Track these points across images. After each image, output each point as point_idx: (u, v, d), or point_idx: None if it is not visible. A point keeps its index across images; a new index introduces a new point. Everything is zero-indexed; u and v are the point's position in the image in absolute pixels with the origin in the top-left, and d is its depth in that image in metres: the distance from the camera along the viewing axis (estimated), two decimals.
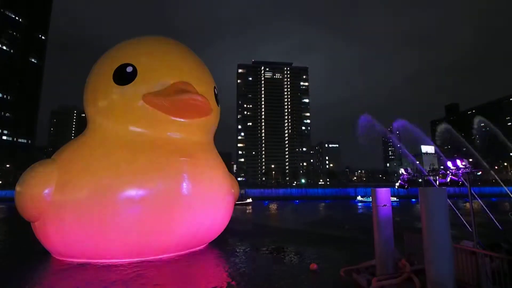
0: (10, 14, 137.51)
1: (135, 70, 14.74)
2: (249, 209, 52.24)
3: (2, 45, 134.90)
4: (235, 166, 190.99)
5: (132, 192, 13.72)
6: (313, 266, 13.14)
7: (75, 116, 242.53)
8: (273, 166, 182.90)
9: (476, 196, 11.86)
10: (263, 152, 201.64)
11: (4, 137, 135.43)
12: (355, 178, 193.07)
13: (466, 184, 10.38)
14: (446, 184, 10.87)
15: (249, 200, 67.24)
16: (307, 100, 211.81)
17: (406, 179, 13.07)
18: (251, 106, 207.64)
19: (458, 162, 10.31)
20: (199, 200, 15.16)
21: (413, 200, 68.50)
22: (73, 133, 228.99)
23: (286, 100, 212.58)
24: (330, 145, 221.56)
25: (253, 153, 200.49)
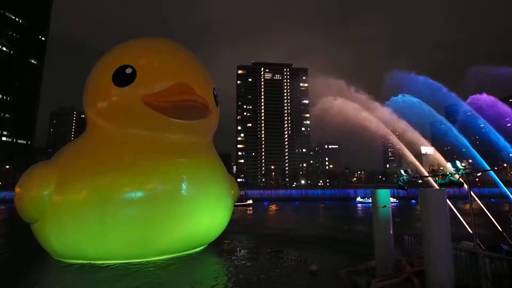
0: (9, 15, 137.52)
1: (134, 72, 14.72)
2: (249, 210, 52.22)
3: (1, 46, 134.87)
4: (234, 167, 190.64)
5: (132, 193, 13.70)
6: (313, 267, 13.10)
7: (74, 117, 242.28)
8: (272, 167, 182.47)
9: (475, 197, 11.87)
10: (263, 153, 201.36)
11: (4, 138, 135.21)
12: (354, 179, 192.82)
13: (466, 184, 10.38)
14: (445, 185, 10.88)
15: (250, 202, 67.17)
16: (306, 101, 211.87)
17: (406, 180, 13.08)
18: (251, 107, 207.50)
19: (458, 163, 10.33)
20: (198, 201, 15.13)
21: (413, 201, 68.51)
22: (72, 134, 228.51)
23: (285, 101, 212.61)
24: (329, 146, 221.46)
25: (253, 154, 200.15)
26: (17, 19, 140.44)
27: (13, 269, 14.05)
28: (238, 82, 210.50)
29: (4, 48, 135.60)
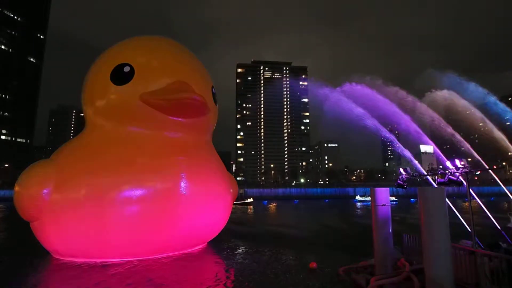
0: (8, 13, 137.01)
1: (132, 70, 14.69)
2: (249, 208, 52.29)
3: (0, 45, 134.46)
4: (234, 165, 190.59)
5: (130, 191, 13.68)
6: (313, 264, 13.14)
7: (73, 115, 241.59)
8: (272, 165, 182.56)
9: (474, 195, 11.88)
10: (262, 152, 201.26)
11: (3, 137, 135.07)
12: (354, 177, 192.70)
13: (465, 183, 10.39)
14: (445, 183, 10.88)
15: (250, 200, 67.23)
16: (306, 100, 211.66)
17: (405, 179, 13.09)
18: (250, 105, 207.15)
19: (457, 162, 10.33)
20: (197, 199, 15.13)
21: (412, 199, 68.64)
22: (71, 132, 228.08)
23: (285, 99, 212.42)
24: (329, 145, 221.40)
25: (252, 152, 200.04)
26: (15, 17, 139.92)
27: (13, 267, 14.03)
28: (238, 80, 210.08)
29: (3, 47, 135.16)
